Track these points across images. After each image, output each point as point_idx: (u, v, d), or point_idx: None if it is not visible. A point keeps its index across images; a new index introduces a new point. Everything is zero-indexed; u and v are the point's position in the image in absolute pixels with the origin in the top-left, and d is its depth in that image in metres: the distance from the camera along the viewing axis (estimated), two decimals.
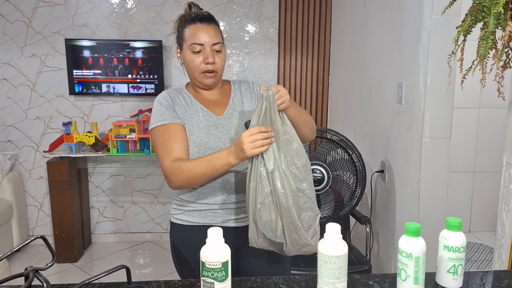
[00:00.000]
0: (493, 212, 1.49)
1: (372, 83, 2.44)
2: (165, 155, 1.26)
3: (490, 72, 1.16)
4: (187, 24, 1.34)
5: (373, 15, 2.44)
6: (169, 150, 1.26)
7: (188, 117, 1.34)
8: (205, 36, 1.32)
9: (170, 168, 1.24)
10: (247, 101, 1.43)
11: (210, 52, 1.32)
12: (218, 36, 1.35)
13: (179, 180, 1.24)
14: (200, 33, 1.32)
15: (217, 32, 1.35)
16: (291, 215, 1.14)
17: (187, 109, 1.35)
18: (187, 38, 1.33)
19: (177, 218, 1.40)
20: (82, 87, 3.20)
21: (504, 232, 1.32)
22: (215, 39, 1.33)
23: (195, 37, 1.31)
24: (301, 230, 1.16)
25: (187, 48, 1.33)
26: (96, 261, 3.18)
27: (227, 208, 1.35)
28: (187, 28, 1.34)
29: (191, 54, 1.33)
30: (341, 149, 2.17)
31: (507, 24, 1.04)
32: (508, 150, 1.31)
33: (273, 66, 3.39)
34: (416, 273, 0.84)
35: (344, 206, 2.18)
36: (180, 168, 1.23)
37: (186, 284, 0.92)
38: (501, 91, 1.15)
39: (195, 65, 1.33)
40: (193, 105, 1.37)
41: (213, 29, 1.34)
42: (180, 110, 1.35)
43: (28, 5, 3.15)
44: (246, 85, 1.48)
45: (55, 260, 0.83)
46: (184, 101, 1.37)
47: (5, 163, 3.10)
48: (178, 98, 1.37)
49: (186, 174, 1.23)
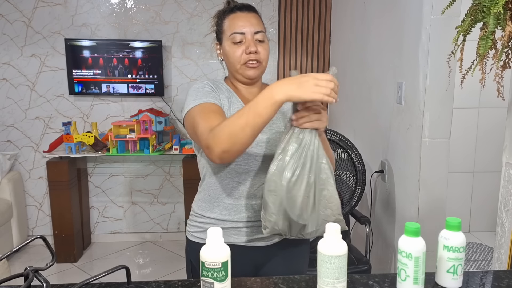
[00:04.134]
0: (493, 212, 1.49)
1: (372, 83, 2.44)
2: (205, 126, 1.09)
3: (490, 72, 1.16)
4: (226, 15, 1.25)
5: (373, 15, 2.44)
6: (210, 121, 1.10)
7: (230, 107, 1.22)
8: (245, 24, 1.21)
9: (211, 134, 1.06)
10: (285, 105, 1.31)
11: (252, 41, 1.21)
12: (260, 24, 1.24)
13: (221, 142, 1.03)
14: (240, 21, 1.21)
15: (259, 20, 1.25)
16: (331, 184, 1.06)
17: (229, 103, 1.24)
18: (226, 29, 1.23)
19: (196, 236, 1.27)
20: (82, 87, 3.20)
21: (504, 232, 1.32)
22: (257, 27, 1.22)
23: (235, 26, 1.21)
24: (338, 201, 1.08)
25: (227, 39, 1.23)
26: (96, 261, 3.17)
27: (253, 226, 1.23)
28: (226, 19, 1.24)
29: (231, 45, 1.22)
30: (341, 149, 2.17)
31: (507, 24, 1.04)
32: (508, 150, 1.31)
33: (273, 66, 3.39)
34: (416, 273, 0.84)
35: (344, 206, 2.18)
36: (219, 127, 1.04)
37: (186, 284, 0.92)
38: (501, 91, 1.15)
39: (236, 56, 1.21)
40: (234, 101, 1.25)
41: (254, 17, 1.24)
42: (224, 101, 1.23)
43: (27, 5, 3.15)
44: None
45: (54, 260, 0.83)
46: (227, 94, 1.25)
47: (5, 163, 3.10)
48: (221, 89, 1.26)
49: (226, 130, 1.02)
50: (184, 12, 3.27)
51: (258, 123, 1.01)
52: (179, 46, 3.31)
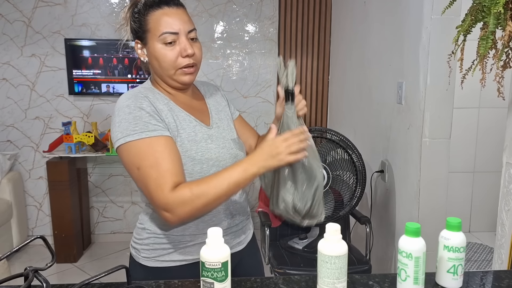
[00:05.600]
0: (493, 212, 1.48)
1: (372, 83, 2.44)
2: (160, 182, 0.96)
3: (490, 72, 1.15)
4: (149, 10, 1.06)
5: (373, 15, 2.44)
6: (164, 174, 0.96)
7: (179, 128, 1.06)
8: (177, 22, 1.05)
9: (174, 198, 0.95)
10: (222, 108, 1.23)
11: (187, 41, 1.05)
12: (191, 21, 1.09)
13: (191, 210, 0.96)
14: (171, 19, 1.04)
15: (189, 17, 1.09)
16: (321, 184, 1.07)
17: (174, 118, 1.07)
18: (152, 28, 1.05)
19: (163, 260, 1.09)
20: (82, 87, 3.20)
21: (504, 232, 1.32)
22: (190, 25, 1.07)
23: (166, 25, 1.04)
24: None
25: (155, 40, 1.05)
26: (96, 261, 3.17)
27: (231, 232, 1.15)
28: (151, 15, 1.06)
29: (162, 47, 1.05)
30: (341, 149, 2.17)
31: (507, 24, 1.04)
32: (508, 150, 1.31)
33: (273, 66, 3.39)
34: (416, 273, 0.84)
35: (344, 206, 2.17)
36: (193, 195, 0.95)
37: (186, 284, 0.92)
38: (501, 91, 1.15)
39: (169, 60, 1.05)
40: (176, 111, 1.09)
41: (184, 13, 1.08)
42: (168, 119, 1.05)
43: (27, 5, 3.15)
44: (214, 87, 1.28)
45: (54, 260, 0.83)
46: (165, 106, 1.07)
47: (5, 163, 3.10)
48: (159, 102, 1.07)
49: (202, 200, 0.95)
50: None
51: (234, 193, 1.03)
52: None
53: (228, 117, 1.24)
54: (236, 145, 1.18)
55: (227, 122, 1.21)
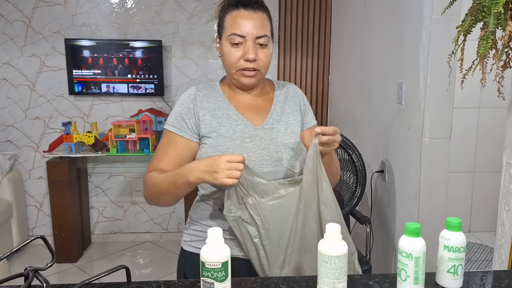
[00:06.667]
0: (493, 212, 1.49)
1: (372, 83, 2.44)
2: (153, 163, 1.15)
3: (490, 72, 1.15)
4: (229, 9, 1.12)
5: (373, 15, 2.44)
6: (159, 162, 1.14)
7: (217, 125, 1.13)
8: (248, 26, 1.08)
9: (144, 178, 1.14)
10: (291, 111, 1.22)
11: (252, 46, 1.09)
12: (264, 27, 1.11)
13: (148, 194, 1.14)
14: (242, 21, 1.08)
15: (265, 22, 1.11)
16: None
17: (215, 114, 1.14)
18: (226, 27, 1.11)
19: (192, 245, 1.19)
20: (82, 87, 3.20)
21: (504, 232, 1.32)
22: (260, 31, 1.09)
23: (236, 27, 1.09)
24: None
25: (226, 39, 1.11)
26: (96, 261, 3.17)
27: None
28: (229, 14, 1.11)
29: (229, 46, 1.11)
30: (341, 149, 2.17)
31: (507, 24, 1.04)
32: (508, 150, 1.31)
33: (273, 66, 3.38)
34: (416, 273, 0.84)
35: (344, 206, 2.17)
36: (150, 181, 1.11)
37: (186, 284, 0.92)
38: (501, 91, 1.15)
39: (232, 60, 1.11)
40: (225, 109, 1.16)
41: (259, 18, 1.10)
42: (206, 116, 1.14)
43: (27, 5, 3.14)
44: (293, 90, 1.26)
45: (54, 260, 0.83)
46: (214, 104, 1.16)
47: (5, 163, 3.10)
48: (207, 99, 1.16)
49: (152, 190, 1.12)
50: (184, 12, 3.27)
51: (177, 194, 1.09)
52: (179, 46, 3.31)
53: (294, 122, 1.21)
54: (287, 150, 1.15)
55: (286, 126, 1.20)
